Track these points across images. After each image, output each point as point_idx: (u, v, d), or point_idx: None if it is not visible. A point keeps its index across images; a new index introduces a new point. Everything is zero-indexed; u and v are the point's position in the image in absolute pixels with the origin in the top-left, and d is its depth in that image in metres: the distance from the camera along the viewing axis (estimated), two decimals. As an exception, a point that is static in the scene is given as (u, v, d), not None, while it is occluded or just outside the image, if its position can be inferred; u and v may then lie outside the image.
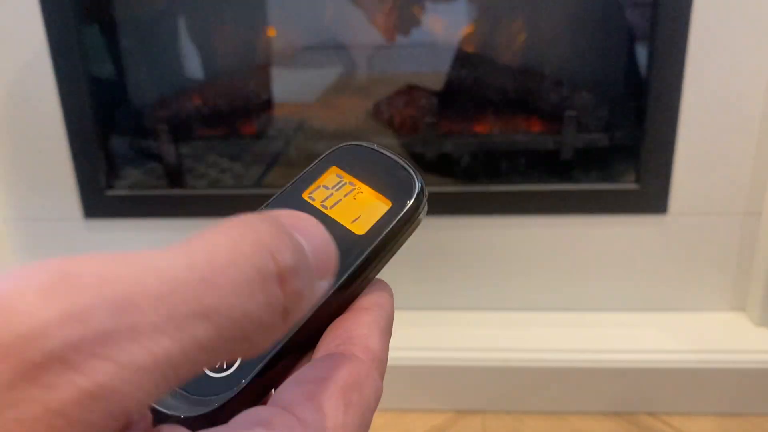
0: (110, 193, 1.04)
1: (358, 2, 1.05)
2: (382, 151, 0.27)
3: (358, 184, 0.26)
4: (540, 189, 1.00)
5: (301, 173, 0.27)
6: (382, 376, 0.22)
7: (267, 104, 1.12)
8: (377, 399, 0.21)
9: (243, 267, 0.15)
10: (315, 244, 0.18)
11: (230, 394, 0.22)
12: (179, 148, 1.06)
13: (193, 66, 1.16)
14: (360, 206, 0.26)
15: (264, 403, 0.20)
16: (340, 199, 0.26)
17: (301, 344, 0.23)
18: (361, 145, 0.28)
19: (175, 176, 1.07)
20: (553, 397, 0.97)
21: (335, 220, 0.25)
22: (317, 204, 0.26)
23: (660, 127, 0.94)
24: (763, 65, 0.90)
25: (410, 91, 1.07)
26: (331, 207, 0.26)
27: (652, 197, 0.97)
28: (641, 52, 0.98)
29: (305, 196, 0.26)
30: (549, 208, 1.00)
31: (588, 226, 1.00)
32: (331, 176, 0.27)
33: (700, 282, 1.02)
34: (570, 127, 1.00)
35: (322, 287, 0.18)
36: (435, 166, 1.04)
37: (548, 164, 1.04)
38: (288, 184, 0.27)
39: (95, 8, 1.04)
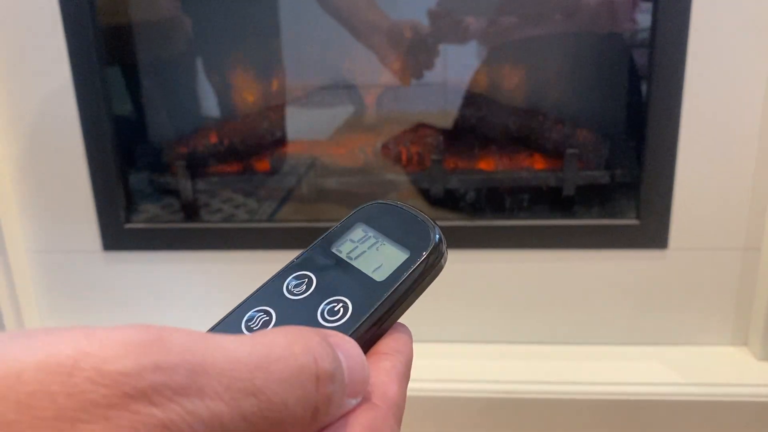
0: (128, 226, 1.05)
1: (373, 48, 1.07)
2: (403, 207, 0.30)
3: (381, 237, 0.29)
4: (543, 224, 1.01)
5: (331, 229, 0.30)
6: (399, 421, 0.24)
7: (280, 142, 1.13)
8: None
9: (290, 363, 0.19)
10: (351, 363, 0.21)
11: None
12: (195, 184, 1.09)
13: (210, 105, 1.19)
14: (382, 256, 0.28)
15: None
16: (365, 251, 0.29)
17: None
18: (385, 203, 0.31)
19: (190, 211, 1.09)
20: (556, 429, 0.97)
21: (358, 269, 0.28)
22: (343, 255, 0.29)
23: (659, 164, 0.95)
24: (757, 103, 0.91)
25: (418, 129, 1.09)
26: (355, 258, 0.28)
27: (652, 232, 0.98)
28: (640, 92, 1.00)
29: (333, 249, 0.29)
30: (551, 243, 1.00)
31: (589, 260, 1.01)
32: (357, 231, 0.30)
33: (701, 316, 1.02)
34: (572, 164, 1.02)
35: (350, 404, 0.21)
36: (441, 201, 1.06)
37: (551, 200, 1.05)
38: (318, 239, 0.30)
39: (118, 51, 1.07)
